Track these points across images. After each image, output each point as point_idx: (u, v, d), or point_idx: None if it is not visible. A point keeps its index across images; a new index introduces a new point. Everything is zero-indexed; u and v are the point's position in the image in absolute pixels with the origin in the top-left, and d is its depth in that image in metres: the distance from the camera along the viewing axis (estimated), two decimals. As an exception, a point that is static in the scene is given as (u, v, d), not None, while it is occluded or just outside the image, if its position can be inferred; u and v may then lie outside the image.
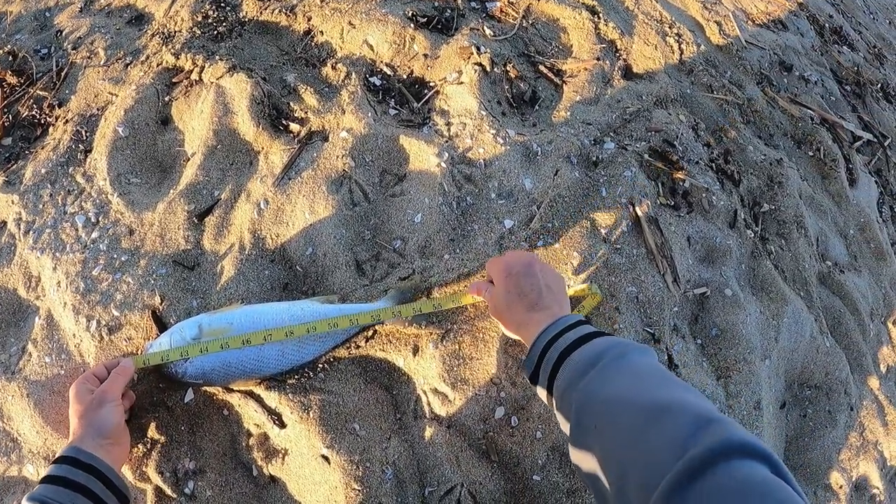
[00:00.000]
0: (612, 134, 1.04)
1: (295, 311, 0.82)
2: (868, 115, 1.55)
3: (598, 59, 1.11)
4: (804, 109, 1.34)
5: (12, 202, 1.02)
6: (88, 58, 1.15)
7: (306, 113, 0.98)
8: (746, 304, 1.04)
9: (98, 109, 1.06)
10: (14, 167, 1.09)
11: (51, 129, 1.09)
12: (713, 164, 1.12)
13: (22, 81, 1.16)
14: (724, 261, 1.05)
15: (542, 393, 0.69)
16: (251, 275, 0.87)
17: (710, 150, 1.14)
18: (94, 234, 0.94)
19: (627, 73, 1.15)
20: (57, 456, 0.70)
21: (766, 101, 1.30)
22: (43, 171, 1.02)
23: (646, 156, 1.05)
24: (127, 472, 0.83)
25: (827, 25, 1.68)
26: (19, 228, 1.00)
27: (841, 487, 1.11)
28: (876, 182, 1.44)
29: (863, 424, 1.15)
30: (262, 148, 0.96)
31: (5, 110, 1.12)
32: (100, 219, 0.95)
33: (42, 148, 1.06)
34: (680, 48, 1.22)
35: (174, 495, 0.80)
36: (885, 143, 1.49)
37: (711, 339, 1.01)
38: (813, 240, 1.21)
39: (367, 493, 0.78)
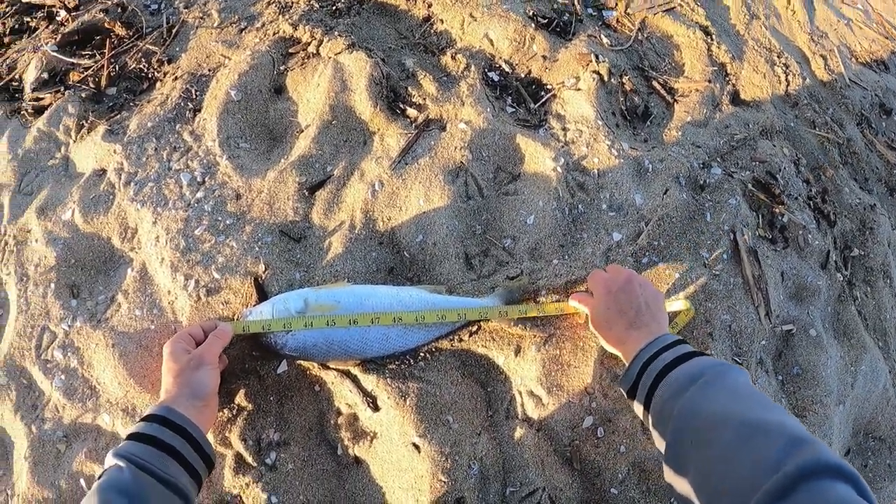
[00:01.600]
0: (719, 159, 1.03)
1: (403, 297, 0.81)
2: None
3: (709, 81, 1.10)
4: (899, 157, 1.33)
5: (114, 151, 1.02)
6: (201, 18, 1.14)
7: (424, 100, 0.97)
8: (828, 346, 1.02)
9: (209, 70, 1.05)
10: (117, 117, 1.09)
11: (158, 84, 1.09)
12: (811, 202, 1.09)
13: (130, 34, 1.16)
14: (813, 300, 1.04)
15: (638, 409, 0.70)
16: (358, 254, 0.87)
17: (809, 188, 1.12)
18: (199, 194, 0.94)
19: (735, 98, 1.13)
20: (147, 413, 0.69)
21: (865, 144, 1.28)
22: (149, 124, 1.02)
23: (749, 185, 1.03)
24: (209, 435, 0.83)
25: (926, 72, 1.65)
26: (120, 178, 1.00)
27: (893, 540, 1.11)
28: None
29: (921, 479, 1.15)
30: (378, 129, 0.96)
31: (112, 60, 1.12)
32: (206, 179, 0.95)
33: (148, 102, 1.06)
34: (787, 79, 1.20)
35: (254, 464, 0.81)
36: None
37: (792, 378, 1.00)
38: (895, 289, 1.21)
39: (452, 485, 0.78)
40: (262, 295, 0.85)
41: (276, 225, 0.89)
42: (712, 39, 1.19)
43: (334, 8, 1.06)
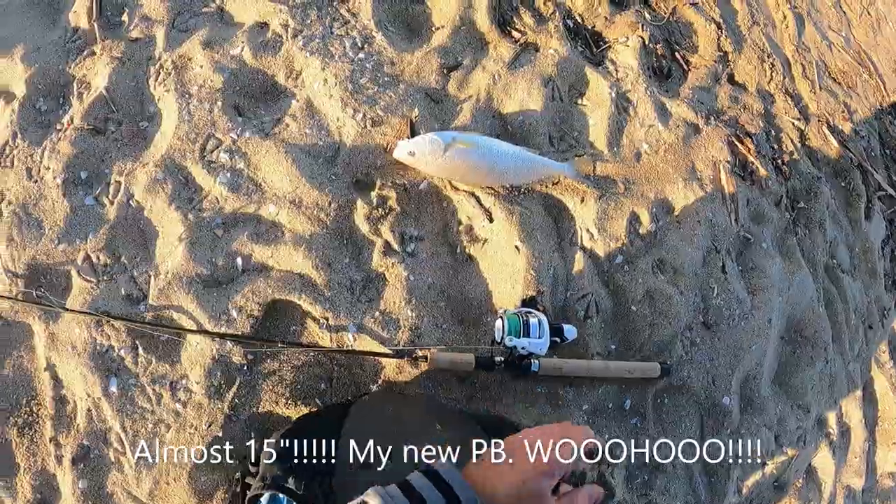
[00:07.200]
0: (714, 115, 2.66)
1: (516, 151, 2.19)
2: None
3: (715, 62, 2.75)
4: (848, 153, 3.14)
5: (280, 10, 2.26)
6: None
7: (524, 28, 2.42)
8: (774, 256, 2.55)
9: (357, -36, 2.44)
10: (273, -12, 2.39)
11: (309, -33, 2.44)
12: (774, 161, 2.77)
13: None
14: (766, 224, 2.54)
15: None
16: (479, 120, 2.18)
17: (774, 151, 2.81)
18: (361, 55, 2.20)
19: (731, 79, 2.75)
20: None
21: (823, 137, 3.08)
22: (306, -4, 2.35)
23: (732, 138, 2.69)
24: (364, 226, 2.07)
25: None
26: (286, 31, 2.24)
27: (809, 411, 2.69)
28: (886, 226, 3.22)
29: (833, 378, 2.80)
30: (492, 41, 2.32)
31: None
32: (365, 46, 2.22)
33: (301, -16, 2.41)
34: (770, 75, 2.89)
35: (398, 250, 2.08)
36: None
37: (749, 269, 2.49)
38: (828, 240, 2.88)
39: (537, 280, 2.08)
40: (413, 132, 2.17)
41: (422, 88, 2.18)
42: (722, 32, 2.80)
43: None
